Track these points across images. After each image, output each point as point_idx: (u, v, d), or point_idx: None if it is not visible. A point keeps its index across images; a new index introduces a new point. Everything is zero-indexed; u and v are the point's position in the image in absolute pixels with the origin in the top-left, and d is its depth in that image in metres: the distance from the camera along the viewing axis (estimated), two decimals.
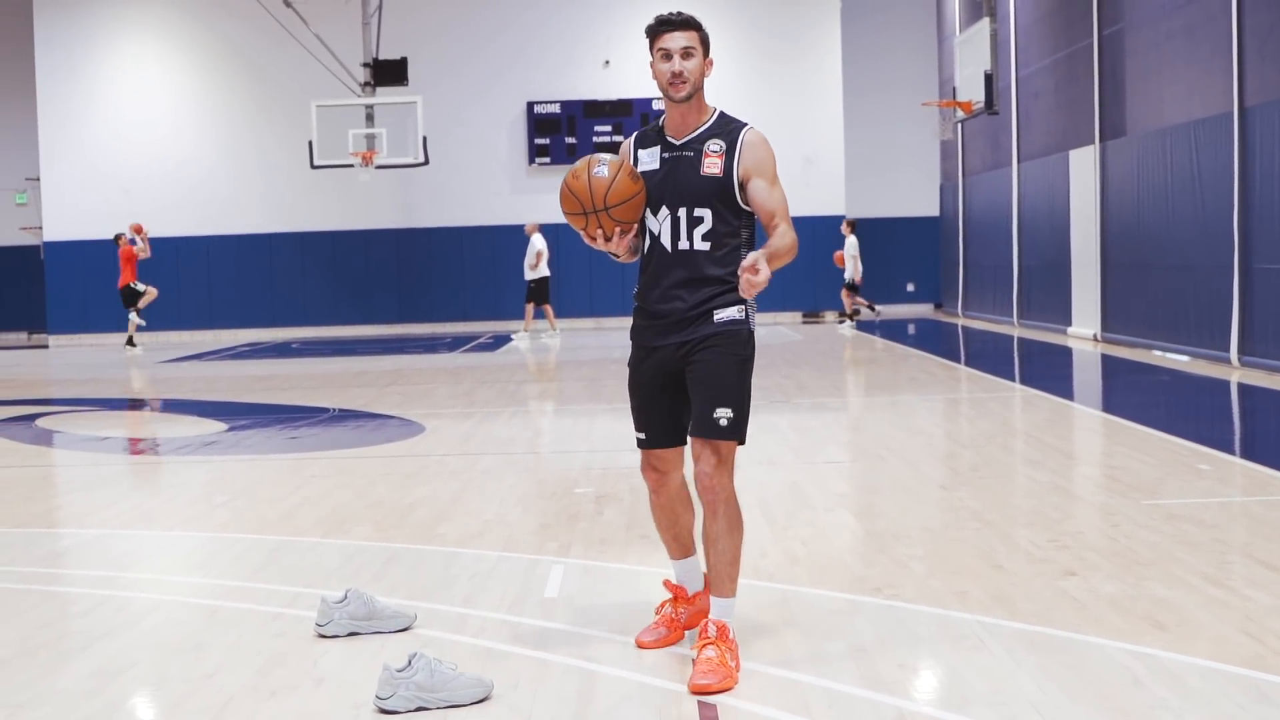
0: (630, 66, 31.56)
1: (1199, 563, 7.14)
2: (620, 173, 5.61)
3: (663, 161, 5.71)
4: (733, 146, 5.66)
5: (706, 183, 5.64)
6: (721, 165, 5.65)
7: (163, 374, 22.40)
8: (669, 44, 5.67)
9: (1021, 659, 5.61)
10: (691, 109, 5.74)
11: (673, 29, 5.69)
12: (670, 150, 5.73)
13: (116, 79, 32.07)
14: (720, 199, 5.64)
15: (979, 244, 30.00)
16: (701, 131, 5.73)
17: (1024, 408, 14.64)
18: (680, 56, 5.66)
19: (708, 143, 5.68)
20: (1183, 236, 18.97)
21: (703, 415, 5.62)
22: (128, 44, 32.07)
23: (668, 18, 5.72)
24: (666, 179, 5.68)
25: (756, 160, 5.66)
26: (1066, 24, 23.69)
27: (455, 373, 21.05)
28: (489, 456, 12.09)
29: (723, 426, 5.60)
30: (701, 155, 5.66)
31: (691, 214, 5.66)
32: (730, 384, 5.63)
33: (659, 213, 5.69)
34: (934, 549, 7.71)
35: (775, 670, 5.56)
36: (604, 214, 5.59)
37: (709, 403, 5.60)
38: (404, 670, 5.23)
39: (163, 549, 8.57)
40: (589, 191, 5.57)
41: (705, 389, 5.62)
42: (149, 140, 31.96)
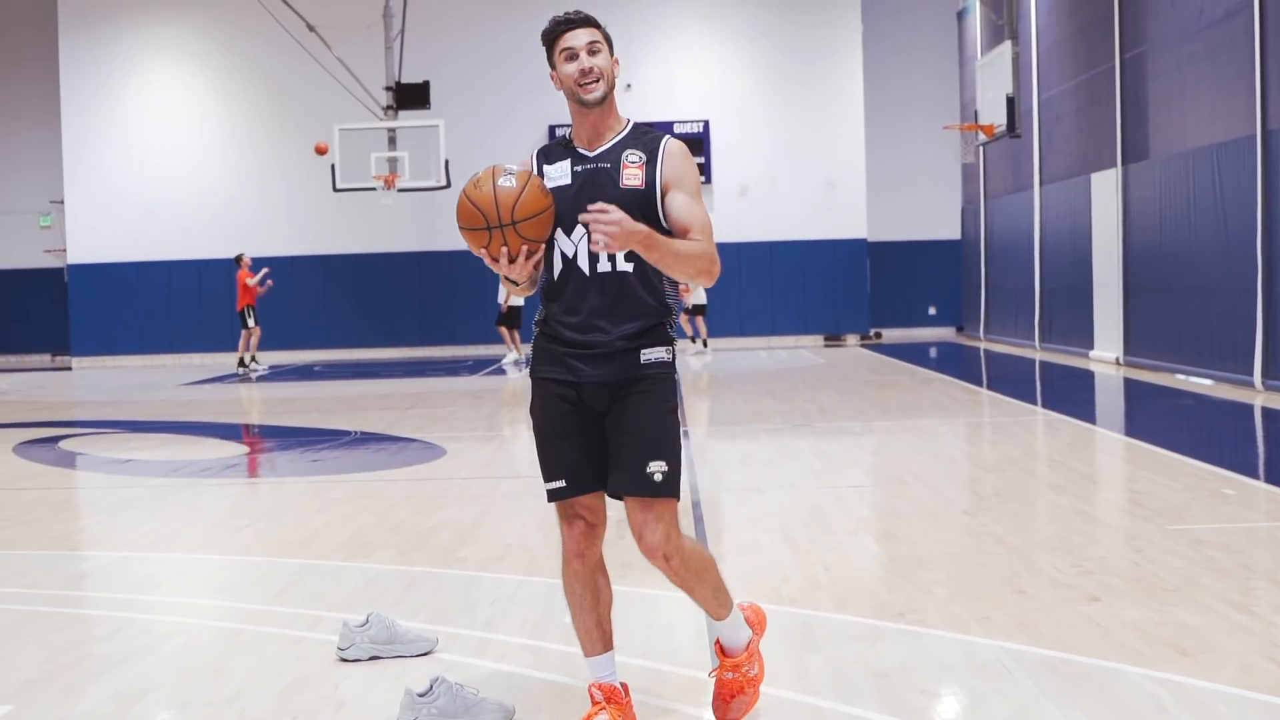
0: (652, 90, 31.61)
1: (1224, 589, 7.10)
2: (529, 184, 4.85)
3: (575, 175, 5.01)
4: (654, 156, 5.00)
5: (627, 196, 4.92)
6: (643, 176, 4.97)
7: (185, 396, 22.45)
8: (572, 42, 5.02)
9: (1045, 685, 5.58)
10: (605, 116, 5.06)
11: (573, 27, 5.04)
12: (583, 163, 5.02)
13: (140, 102, 32.24)
14: (643, 213, 4.90)
15: (1001, 267, 29.96)
16: (617, 141, 5.06)
17: (1046, 432, 14.59)
18: (586, 52, 5.01)
19: (625, 153, 5.02)
20: (1205, 259, 18.92)
21: (636, 473, 4.97)
22: (151, 67, 32.24)
23: (566, 16, 5.07)
24: (581, 194, 4.94)
25: (677, 171, 5.00)
26: (1088, 47, 23.67)
27: (477, 395, 21.07)
28: (511, 480, 12.09)
29: (658, 482, 4.96)
30: (620, 166, 4.99)
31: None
32: (661, 435, 5.00)
33: (573, 232, 4.96)
34: (957, 574, 7.68)
35: (798, 695, 5.54)
36: (510, 229, 4.79)
37: (641, 458, 4.96)
38: (426, 695, 5.22)
39: (185, 572, 8.57)
40: (494, 204, 4.79)
41: (634, 441, 4.98)
42: (172, 163, 32.11)
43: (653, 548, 5.03)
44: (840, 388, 19.98)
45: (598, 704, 5.07)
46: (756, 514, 9.82)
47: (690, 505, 10.23)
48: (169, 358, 31.69)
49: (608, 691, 5.10)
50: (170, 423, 18.15)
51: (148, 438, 16.59)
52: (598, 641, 5.17)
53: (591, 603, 5.18)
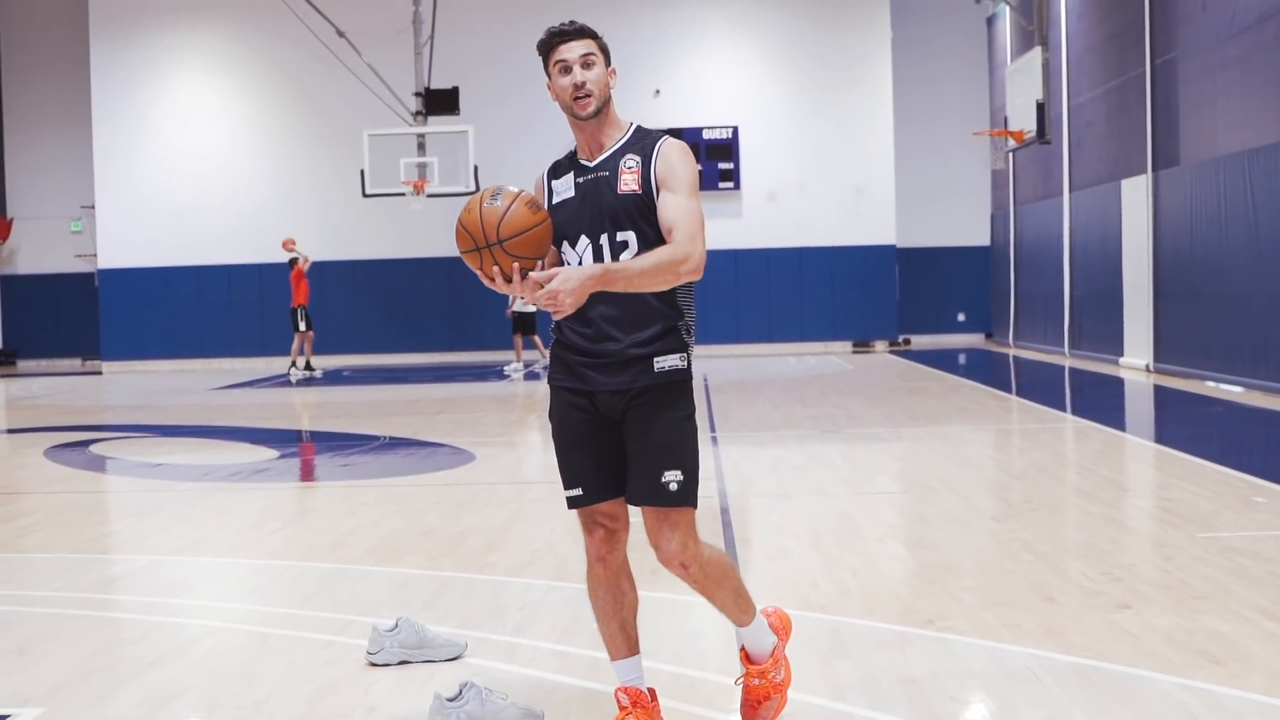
0: (681, 96, 31.63)
1: (1255, 596, 7.07)
2: (516, 202, 4.77)
3: (577, 187, 5.05)
4: (649, 159, 4.99)
5: (626, 201, 4.95)
6: (639, 180, 4.97)
7: (215, 400, 22.53)
8: (566, 54, 5.02)
9: (1075, 693, 5.56)
10: (602, 126, 5.08)
11: (567, 39, 5.03)
12: (584, 174, 5.06)
13: (171, 108, 32.37)
14: (644, 218, 4.94)
15: (1030, 274, 29.88)
16: (617, 148, 5.07)
17: (1076, 439, 14.55)
18: (580, 66, 5.01)
19: (623, 159, 5.02)
20: (1236, 266, 18.84)
21: (650, 480, 4.97)
22: (182, 73, 32.38)
23: (560, 27, 5.05)
24: (583, 204, 5.01)
25: (668, 169, 4.95)
26: (1119, 53, 23.61)
27: (506, 400, 21.10)
28: (540, 485, 12.11)
29: (673, 491, 4.96)
30: (618, 172, 5.00)
31: (615, 239, 4.96)
32: (677, 443, 5.00)
33: (578, 243, 5.01)
34: (986, 581, 7.66)
35: (827, 702, 5.54)
36: (498, 248, 4.71)
37: (656, 466, 4.96)
38: (455, 699, 5.23)
39: (214, 575, 8.61)
40: (480, 225, 4.73)
41: (649, 450, 4.98)
42: (202, 169, 32.23)
43: (670, 556, 5.04)
44: (869, 394, 19.95)
45: (624, 708, 5.08)
46: (785, 520, 9.82)
47: (719, 511, 10.23)
48: (199, 362, 31.81)
49: (634, 695, 5.11)
50: (200, 427, 18.22)
51: (178, 442, 16.65)
52: (622, 645, 5.19)
53: (615, 607, 5.19)
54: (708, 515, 10.00)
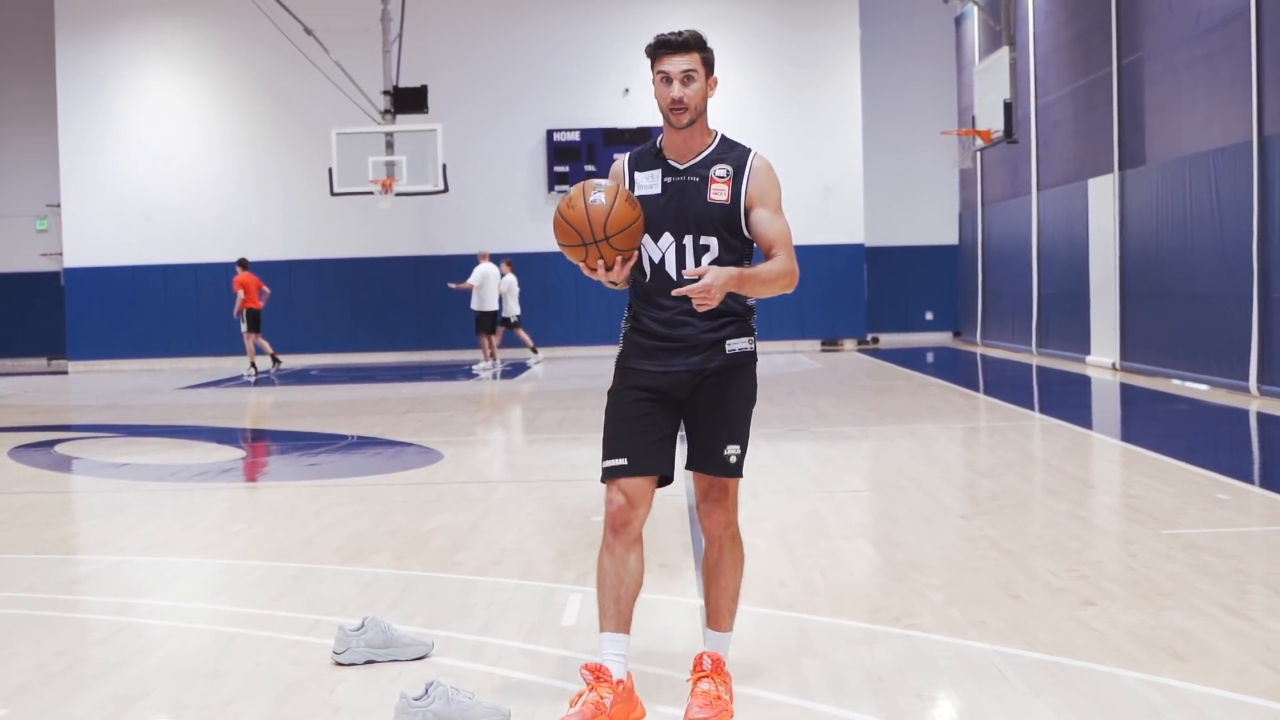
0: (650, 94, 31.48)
1: (1219, 593, 7.11)
2: (618, 199, 5.23)
3: (665, 186, 5.38)
4: (740, 172, 5.37)
5: (714, 209, 5.34)
6: (729, 191, 5.34)
7: (182, 400, 22.45)
8: (669, 67, 5.35)
9: (1040, 689, 5.59)
10: (694, 132, 5.43)
11: (673, 51, 5.35)
12: (673, 174, 5.40)
13: (137, 106, 32.23)
14: (726, 226, 5.35)
15: (998, 272, 29.97)
16: (706, 155, 5.42)
17: (1043, 437, 14.61)
18: (680, 82, 5.34)
19: (714, 168, 5.38)
20: (1202, 265, 18.94)
21: (713, 451, 5.43)
22: (148, 71, 32.24)
23: (668, 39, 5.38)
24: (670, 204, 5.35)
25: (762, 188, 5.37)
26: (1085, 53, 23.70)
27: (474, 400, 21.08)
28: (507, 484, 12.11)
29: (731, 464, 5.45)
30: (708, 181, 5.36)
31: (698, 241, 5.35)
32: (740, 420, 5.48)
33: (660, 239, 5.36)
34: (953, 578, 7.69)
35: (793, 700, 5.55)
36: (604, 244, 5.21)
37: (720, 439, 5.42)
38: (421, 699, 5.22)
39: (180, 576, 8.57)
40: (587, 221, 5.20)
41: (717, 424, 5.43)
42: (169, 167, 32.10)
43: (716, 520, 5.50)
44: (837, 392, 19.98)
45: (589, 685, 5.23)
46: (753, 518, 9.81)
47: (688, 509, 10.23)
48: (165, 362, 31.67)
49: (596, 671, 5.25)
50: (167, 427, 18.15)
51: (144, 442, 16.58)
52: (613, 618, 5.38)
53: (616, 580, 5.39)
54: (675, 514, 10.02)
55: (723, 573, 5.54)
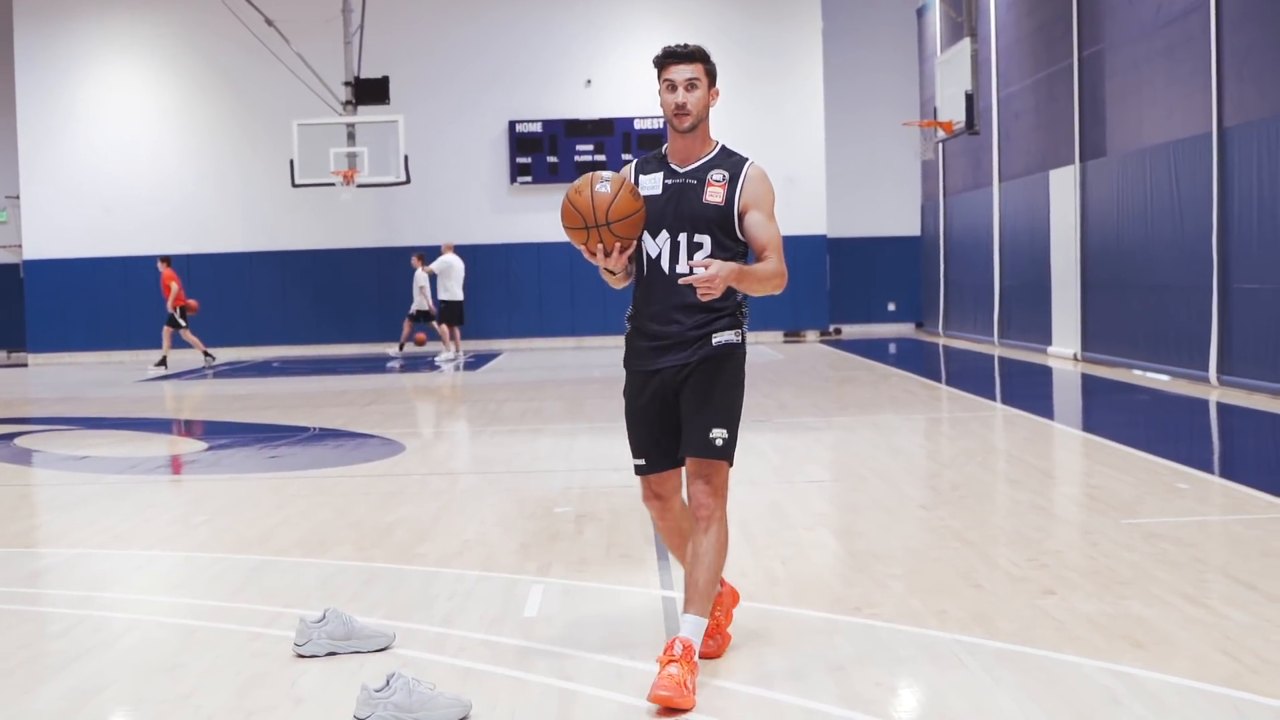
0: (612, 86, 31.63)
1: (1178, 581, 7.15)
2: (622, 190, 5.65)
3: (665, 187, 5.80)
4: (735, 178, 5.78)
5: (708, 210, 5.74)
6: (724, 194, 5.75)
7: (142, 393, 22.34)
8: (674, 76, 5.79)
9: (1000, 678, 5.61)
10: (696, 139, 5.85)
11: (678, 61, 5.81)
12: (674, 177, 5.82)
13: (97, 97, 32.04)
14: (720, 227, 5.75)
15: (960, 263, 30.07)
16: (705, 161, 5.84)
17: (1005, 427, 14.67)
18: (684, 89, 5.77)
19: (711, 172, 5.80)
20: (1162, 256, 19.04)
21: (699, 435, 5.71)
22: (108, 62, 32.05)
23: (673, 49, 5.84)
24: (669, 204, 5.77)
25: (757, 194, 5.77)
26: (1047, 44, 23.78)
27: (436, 391, 21.05)
28: (469, 476, 12.09)
29: (718, 447, 5.70)
30: (704, 184, 5.77)
31: (691, 239, 5.75)
32: (726, 405, 5.75)
33: (659, 236, 5.78)
34: (914, 568, 7.71)
35: (754, 689, 5.56)
36: (605, 229, 5.61)
37: (705, 423, 5.71)
38: (382, 690, 5.21)
39: (141, 569, 8.53)
40: (591, 207, 5.61)
41: (702, 410, 5.72)
42: (130, 158, 31.93)
43: (700, 503, 5.72)
44: (799, 383, 20.02)
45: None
46: None
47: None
48: (126, 354, 31.51)
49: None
50: (127, 419, 18.06)
51: (104, 434, 16.50)
52: None
53: (680, 543, 6.04)
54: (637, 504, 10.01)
55: (705, 554, 5.68)
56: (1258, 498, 9.70)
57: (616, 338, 31.26)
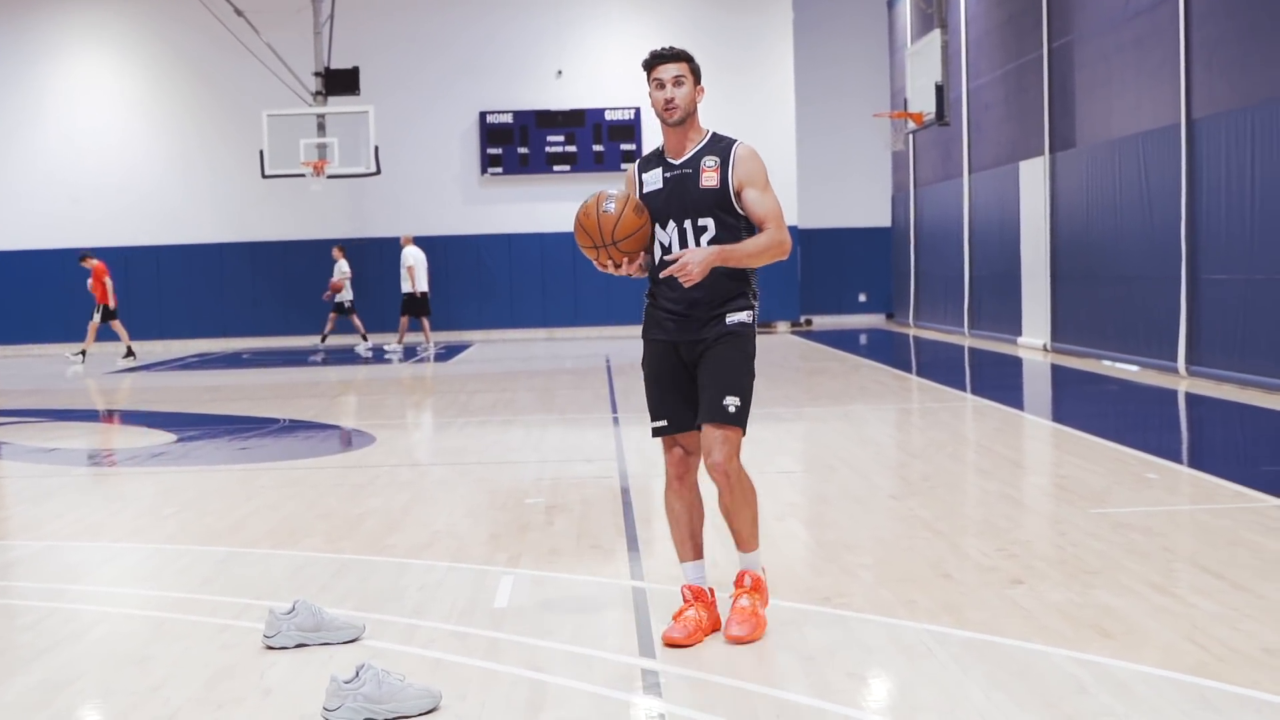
0: (582, 77, 31.59)
1: (1146, 571, 7.19)
2: (626, 208, 6.14)
3: (665, 181, 6.26)
4: (726, 160, 6.22)
5: (706, 194, 6.19)
6: (718, 177, 6.20)
7: (112, 385, 22.26)
8: (661, 74, 6.22)
9: (969, 667, 5.63)
10: (686, 131, 6.28)
11: (664, 61, 6.24)
12: (671, 170, 6.27)
13: (65, 88, 31.87)
14: (720, 207, 6.19)
15: (930, 255, 30.14)
16: (698, 150, 6.27)
17: (975, 418, 14.71)
18: (671, 85, 6.20)
19: (704, 159, 6.24)
20: (1131, 247, 19.11)
21: (714, 403, 6.19)
22: (76, 53, 31.87)
23: (660, 52, 6.27)
24: (671, 195, 6.23)
25: (748, 171, 6.22)
26: (1017, 36, 23.84)
27: (406, 383, 21.01)
28: (440, 467, 12.08)
29: (731, 413, 6.18)
30: (700, 171, 6.21)
31: (696, 224, 6.21)
32: (739, 377, 6.24)
33: (667, 226, 6.23)
34: (884, 558, 7.73)
35: (723, 679, 5.57)
36: (612, 248, 6.14)
37: (720, 392, 6.19)
38: (351, 681, 5.21)
39: (110, 560, 8.51)
40: (598, 228, 6.13)
41: (717, 380, 6.20)
42: (98, 150, 31.77)
43: (717, 463, 6.17)
44: (770, 374, 20.04)
45: (688, 602, 6.18)
46: None
47: (620, 491, 10.25)
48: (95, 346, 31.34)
49: (695, 591, 6.23)
50: (96, 411, 17.98)
51: (73, 426, 16.43)
52: (690, 550, 6.38)
53: (686, 518, 6.38)
54: (608, 497, 10.04)
55: (737, 509, 6.28)
56: (1226, 487, 9.74)
57: (588, 329, 31.32)
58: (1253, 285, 15.76)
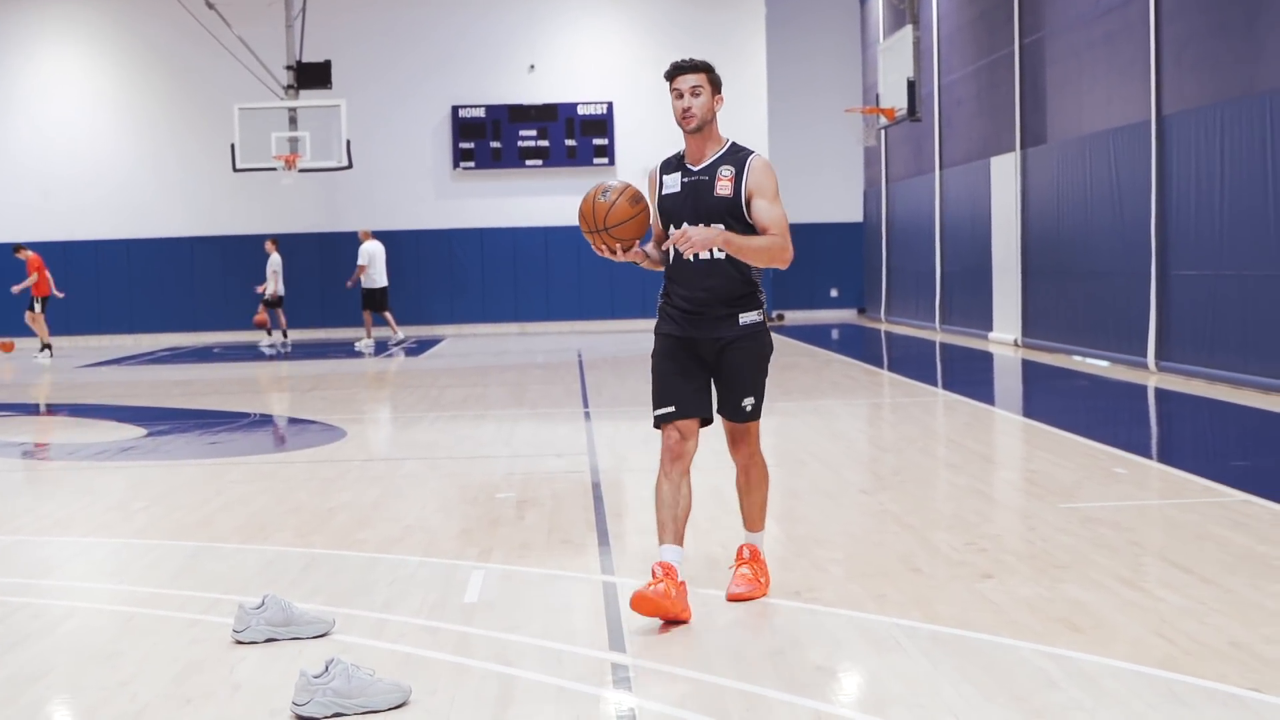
0: (555, 71, 31.56)
1: (1114, 565, 7.22)
2: (621, 197, 6.44)
3: (683, 185, 6.63)
4: (741, 171, 6.59)
5: (719, 202, 6.54)
6: (732, 187, 6.56)
7: (82, 379, 22.17)
8: (680, 85, 6.61)
9: (938, 661, 5.65)
10: (705, 140, 6.65)
11: (683, 72, 6.63)
12: (689, 175, 6.64)
13: (35, 80, 31.69)
14: (731, 214, 6.53)
15: (902, 250, 30.20)
16: (715, 159, 6.64)
17: (945, 412, 14.75)
18: (689, 95, 6.58)
19: (720, 168, 6.60)
20: (1101, 243, 19.18)
21: (735, 404, 6.73)
22: (47, 45, 31.71)
23: (680, 63, 6.67)
24: (686, 199, 6.60)
25: (759, 182, 6.57)
26: (988, 32, 23.90)
27: (378, 377, 20.98)
28: (411, 461, 12.06)
29: (748, 412, 6.77)
30: (715, 179, 6.58)
31: (707, 227, 6.51)
32: (753, 377, 6.75)
33: (681, 228, 6.53)
34: (854, 553, 7.75)
35: (693, 673, 5.57)
36: (605, 233, 6.44)
37: (739, 394, 6.71)
38: (321, 676, 5.20)
39: (80, 555, 8.48)
40: (593, 213, 6.45)
41: (738, 383, 6.70)
42: (68, 142, 31.58)
43: (740, 454, 6.89)
44: None
45: (657, 578, 6.30)
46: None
47: (591, 486, 10.26)
48: (65, 340, 31.18)
49: (667, 568, 6.37)
50: (66, 405, 17.92)
51: (42, 421, 16.36)
52: (670, 533, 6.54)
53: (673, 500, 6.59)
54: (579, 491, 10.04)
55: (751, 490, 6.92)
56: (1194, 482, 9.80)
57: (560, 323, 31.30)
58: (1222, 281, 15.84)
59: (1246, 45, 15.31)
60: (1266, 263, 14.87)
